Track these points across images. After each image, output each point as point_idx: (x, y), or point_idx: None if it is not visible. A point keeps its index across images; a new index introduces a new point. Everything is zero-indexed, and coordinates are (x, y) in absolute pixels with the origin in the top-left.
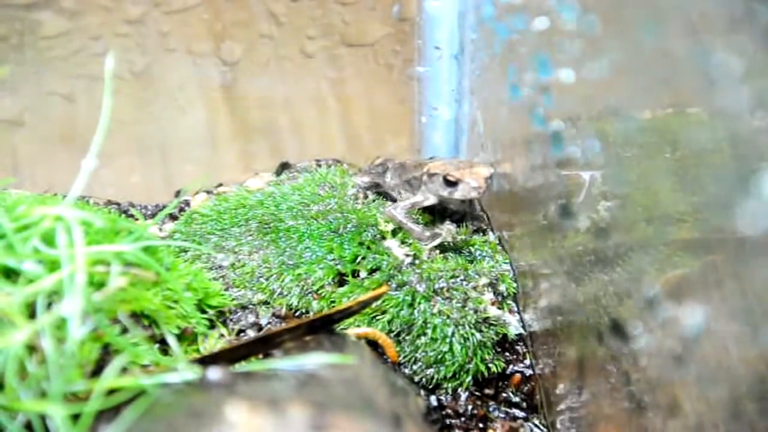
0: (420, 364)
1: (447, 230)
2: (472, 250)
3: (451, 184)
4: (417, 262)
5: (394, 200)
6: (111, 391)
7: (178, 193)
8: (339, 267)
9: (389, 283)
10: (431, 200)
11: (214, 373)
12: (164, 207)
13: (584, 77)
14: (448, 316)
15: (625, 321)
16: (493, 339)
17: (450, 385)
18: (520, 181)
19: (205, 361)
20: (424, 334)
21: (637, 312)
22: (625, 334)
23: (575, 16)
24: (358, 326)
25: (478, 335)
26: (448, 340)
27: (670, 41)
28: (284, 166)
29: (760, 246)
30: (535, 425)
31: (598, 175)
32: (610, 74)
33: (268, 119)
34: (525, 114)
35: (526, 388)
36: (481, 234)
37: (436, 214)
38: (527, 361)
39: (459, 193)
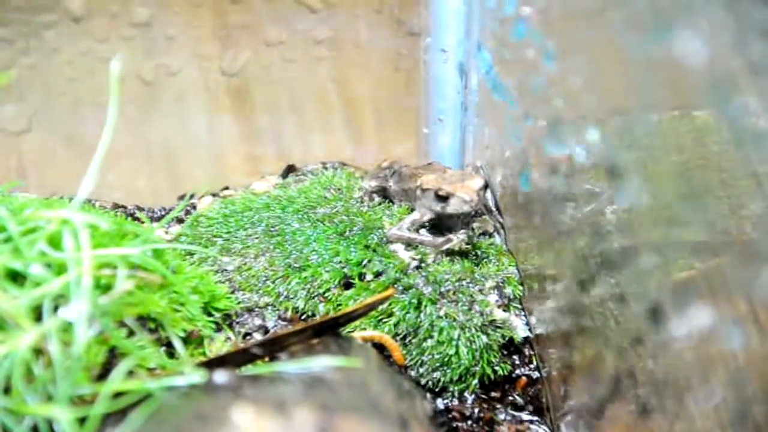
0: (426, 367)
1: (458, 239)
2: (478, 253)
3: (442, 199)
4: (423, 265)
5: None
6: (117, 395)
7: (182, 197)
8: (345, 270)
9: (395, 286)
10: (428, 215)
11: (221, 376)
12: (171, 210)
13: (590, 81)
14: (455, 319)
15: (632, 324)
16: (499, 342)
17: (456, 388)
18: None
19: (212, 364)
20: (431, 337)
21: (643, 315)
22: (631, 337)
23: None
24: (365, 329)
25: (484, 338)
26: (454, 343)
27: (677, 44)
28: (290, 169)
29: (766, 247)
30: (542, 428)
31: (604, 178)
32: (617, 77)
33: (274, 122)
34: (530, 117)
35: (532, 391)
36: (487, 237)
37: (443, 223)
38: (533, 364)
39: (451, 208)
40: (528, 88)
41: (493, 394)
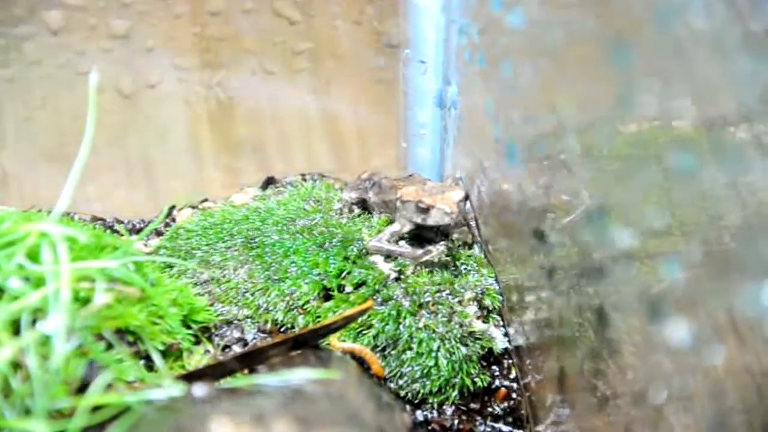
0: (406, 378)
1: (437, 250)
2: (458, 264)
3: (423, 210)
4: (402, 276)
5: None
6: (96, 408)
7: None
8: (324, 282)
9: (374, 297)
10: (408, 226)
11: (200, 389)
12: (150, 223)
13: (568, 91)
14: (434, 331)
15: (610, 334)
16: (478, 353)
17: (436, 399)
18: (504, 195)
19: (191, 377)
20: (410, 348)
21: (621, 326)
22: (610, 348)
23: (557, 32)
24: (344, 341)
25: (463, 349)
26: (433, 354)
27: (655, 55)
28: (270, 181)
29: (744, 258)
30: None
31: (583, 188)
32: (596, 88)
33: (253, 134)
34: (508, 129)
35: (511, 402)
36: (467, 248)
37: (422, 234)
38: (513, 375)
39: (432, 219)
40: (505, 100)
41: (472, 405)
